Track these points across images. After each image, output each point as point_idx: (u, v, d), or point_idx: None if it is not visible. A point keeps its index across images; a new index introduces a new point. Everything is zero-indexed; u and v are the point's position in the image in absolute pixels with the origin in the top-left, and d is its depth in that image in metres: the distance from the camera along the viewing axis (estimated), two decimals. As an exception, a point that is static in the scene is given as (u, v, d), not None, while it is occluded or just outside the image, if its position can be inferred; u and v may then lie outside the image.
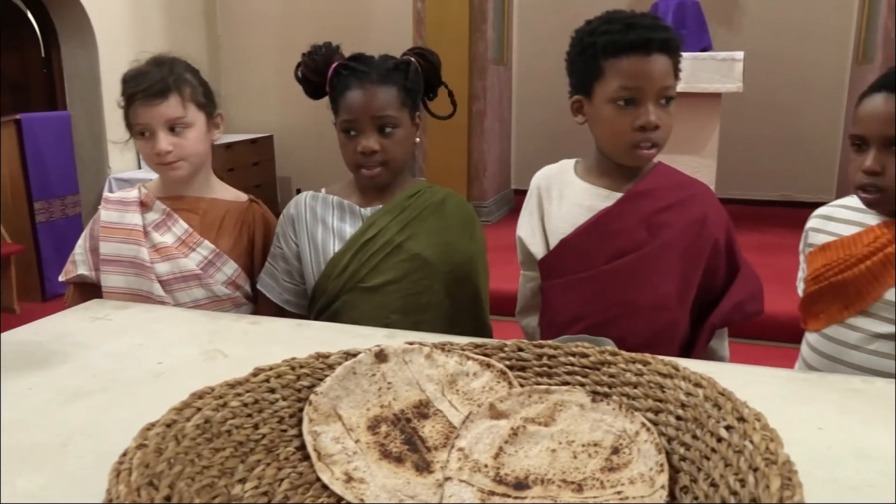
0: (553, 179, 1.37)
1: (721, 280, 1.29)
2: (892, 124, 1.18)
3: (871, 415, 0.94)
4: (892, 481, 0.78)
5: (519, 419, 0.70)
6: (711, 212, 1.29)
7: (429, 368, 0.77)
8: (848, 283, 1.27)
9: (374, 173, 1.37)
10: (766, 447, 0.51)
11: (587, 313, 1.27)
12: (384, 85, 1.35)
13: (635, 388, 0.68)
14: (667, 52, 1.21)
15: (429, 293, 1.38)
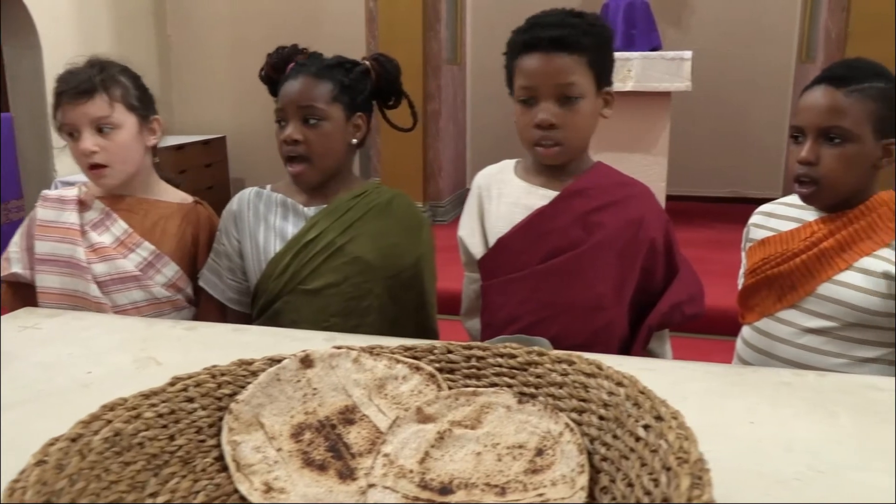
0: (493, 179, 1.37)
1: (659, 281, 1.29)
2: (827, 115, 1.21)
3: (802, 408, 0.95)
4: (820, 475, 0.79)
5: (446, 423, 0.69)
6: (649, 212, 1.29)
7: (356, 373, 0.75)
8: (783, 276, 1.29)
9: (297, 170, 1.35)
10: (679, 446, 0.51)
11: (523, 313, 1.27)
12: (318, 78, 1.35)
13: (561, 389, 0.68)
14: (567, 51, 1.19)
15: (370, 297, 1.36)
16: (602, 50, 1.22)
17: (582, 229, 1.25)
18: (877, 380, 1.05)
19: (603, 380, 0.64)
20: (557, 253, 1.25)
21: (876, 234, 1.23)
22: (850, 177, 1.22)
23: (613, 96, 1.26)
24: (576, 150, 1.26)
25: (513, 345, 0.75)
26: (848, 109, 1.20)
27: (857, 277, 1.22)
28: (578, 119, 1.22)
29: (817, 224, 1.28)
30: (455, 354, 0.76)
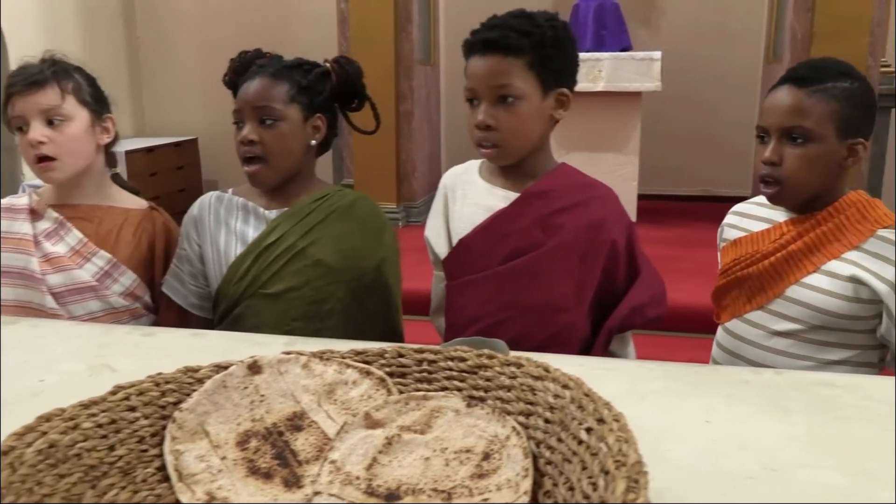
0: (458, 179, 1.37)
1: (621, 283, 1.28)
2: (790, 115, 1.21)
3: (759, 406, 0.96)
4: (772, 473, 0.79)
5: (395, 428, 0.68)
6: (610, 214, 1.29)
7: (305, 378, 0.74)
8: (753, 277, 1.30)
9: (253, 170, 1.34)
10: (619, 449, 0.51)
11: (484, 314, 1.27)
12: (275, 79, 1.34)
13: (509, 392, 0.68)
14: (503, 52, 1.19)
15: (332, 300, 1.35)
16: (548, 51, 1.21)
17: (542, 231, 1.25)
18: (832, 376, 1.05)
19: (550, 382, 0.64)
20: (518, 254, 1.25)
21: (844, 236, 1.23)
22: (813, 176, 1.22)
23: (569, 97, 1.25)
24: (517, 152, 1.25)
25: (463, 348, 0.74)
26: (810, 109, 1.20)
27: (824, 280, 1.22)
28: (515, 121, 1.21)
29: (787, 225, 1.29)
30: (406, 358, 0.75)
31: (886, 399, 0.97)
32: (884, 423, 0.90)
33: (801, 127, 1.20)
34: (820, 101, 1.20)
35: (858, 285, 1.19)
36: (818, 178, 1.23)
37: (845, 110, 1.20)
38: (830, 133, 1.20)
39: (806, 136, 1.20)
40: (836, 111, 1.20)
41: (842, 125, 1.20)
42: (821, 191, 1.25)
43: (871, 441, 0.86)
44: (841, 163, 1.23)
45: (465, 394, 0.71)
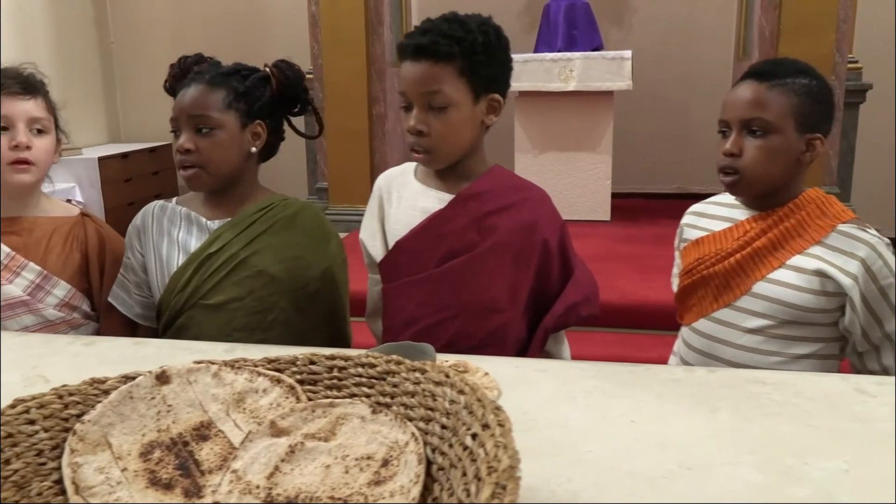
0: (393, 181, 1.37)
1: (554, 283, 1.29)
2: (750, 108, 1.23)
3: (686, 405, 0.96)
4: (689, 472, 0.80)
5: (299, 436, 0.68)
6: (543, 215, 1.30)
7: (215, 388, 0.74)
8: (718, 276, 1.31)
9: (189, 175, 1.33)
10: (494, 455, 0.51)
11: (421, 316, 1.27)
12: (212, 86, 1.33)
13: (412, 398, 0.68)
14: (433, 58, 1.19)
15: (275, 310, 1.34)
16: (479, 57, 1.20)
17: (477, 232, 1.25)
18: (763, 374, 1.06)
19: (448, 388, 0.64)
20: (453, 255, 1.25)
21: (806, 231, 1.25)
22: (772, 168, 1.24)
23: (501, 103, 1.26)
24: (448, 157, 1.25)
25: (374, 354, 0.74)
26: (770, 102, 1.22)
27: (791, 275, 1.24)
28: (446, 127, 1.21)
29: (749, 223, 1.30)
30: (317, 365, 0.75)
31: (814, 396, 0.98)
32: (808, 420, 0.91)
33: (760, 119, 1.22)
34: (780, 94, 1.22)
35: (824, 279, 1.21)
36: (776, 170, 1.25)
37: (804, 105, 1.23)
38: (789, 126, 1.23)
39: (765, 128, 1.22)
40: (796, 105, 1.22)
41: (800, 119, 1.23)
42: (779, 184, 1.26)
43: (793, 437, 0.87)
44: (799, 157, 1.25)
45: (372, 400, 0.71)
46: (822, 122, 1.25)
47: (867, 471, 0.79)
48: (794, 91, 1.22)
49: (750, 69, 1.29)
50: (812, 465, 0.80)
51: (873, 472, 0.79)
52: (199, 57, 1.41)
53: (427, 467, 0.61)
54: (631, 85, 4.10)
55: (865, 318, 1.20)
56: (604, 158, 4.28)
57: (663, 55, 4.92)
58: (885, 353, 1.22)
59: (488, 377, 1.04)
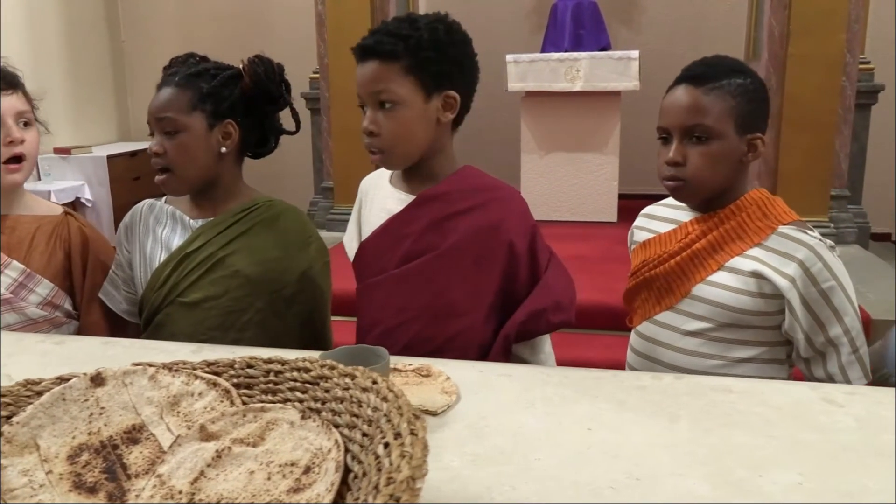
0: (371, 184, 1.37)
1: (522, 287, 1.24)
2: (689, 114, 1.20)
3: (647, 413, 0.94)
4: (636, 482, 0.78)
5: (228, 440, 0.67)
6: (510, 217, 1.25)
7: (150, 390, 0.73)
8: (660, 278, 1.29)
9: (160, 179, 1.34)
10: (397, 465, 0.50)
11: (381, 318, 1.26)
12: (179, 88, 1.32)
13: (341, 403, 0.66)
14: (378, 58, 1.18)
15: (250, 311, 1.34)
16: (427, 53, 1.18)
17: (436, 234, 1.23)
18: (731, 382, 1.04)
19: (373, 395, 0.63)
20: (411, 257, 1.23)
21: (746, 234, 1.23)
22: (717, 174, 1.22)
23: (457, 99, 1.23)
24: (404, 156, 1.24)
25: (311, 358, 0.73)
26: (709, 107, 1.19)
27: (729, 277, 1.22)
28: (397, 126, 1.20)
29: (691, 225, 1.28)
30: (255, 369, 0.75)
31: (779, 405, 0.96)
32: (769, 430, 0.89)
33: (701, 125, 1.20)
34: (717, 98, 1.19)
35: (761, 280, 1.18)
36: (722, 175, 1.22)
37: (742, 106, 1.20)
38: (730, 129, 1.20)
39: (707, 134, 1.20)
40: (734, 107, 1.20)
41: (740, 121, 1.20)
42: (724, 187, 1.24)
43: (750, 448, 0.85)
44: (742, 158, 1.23)
45: (305, 405, 0.70)
46: (760, 120, 1.23)
47: (821, 484, 0.77)
48: (730, 93, 1.19)
49: (684, 72, 1.26)
50: (765, 478, 0.78)
51: (827, 484, 0.77)
52: (189, 55, 1.40)
53: (345, 475, 0.60)
54: (638, 85, 4.06)
55: (807, 322, 1.17)
56: (610, 159, 4.25)
57: (672, 55, 4.84)
58: (829, 360, 1.18)
59: (449, 381, 1.03)
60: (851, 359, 1.18)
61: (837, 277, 1.17)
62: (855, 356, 1.18)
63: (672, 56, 4.94)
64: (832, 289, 1.17)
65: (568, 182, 4.29)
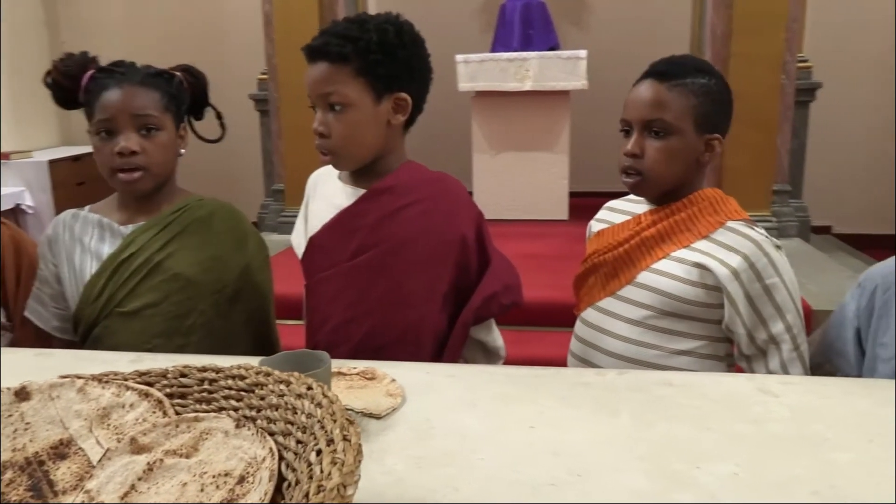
0: (320, 179, 1.37)
1: (474, 275, 1.28)
2: (651, 109, 1.22)
3: (589, 409, 0.95)
4: (577, 479, 0.79)
5: (160, 452, 0.65)
6: (458, 208, 1.29)
7: (79, 403, 0.71)
8: (608, 264, 1.31)
9: (133, 178, 1.29)
10: (328, 473, 0.49)
11: (333, 313, 1.26)
12: (145, 87, 1.30)
13: (276, 411, 0.65)
14: (327, 60, 1.18)
15: (194, 314, 1.31)
16: (376, 56, 1.18)
17: (388, 227, 1.24)
18: (671, 375, 1.06)
19: (307, 401, 0.62)
20: (364, 250, 1.24)
21: (695, 226, 1.26)
22: (672, 168, 1.24)
23: (408, 101, 1.23)
24: (354, 158, 1.25)
25: (245, 366, 0.72)
26: (670, 103, 1.21)
27: (673, 266, 1.24)
28: (346, 128, 1.20)
29: (645, 216, 1.31)
30: (189, 378, 0.73)
31: (717, 397, 0.98)
32: (706, 423, 0.91)
33: (661, 120, 1.22)
34: (679, 95, 1.22)
35: (704, 271, 1.21)
36: (677, 170, 1.24)
37: (703, 106, 1.22)
38: (689, 127, 1.22)
39: (666, 129, 1.22)
40: (695, 106, 1.22)
41: (700, 120, 1.23)
42: (679, 183, 1.26)
43: (688, 441, 0.86)
44: (699, 157, 1.25)
45: (240, 413, 0.69)
46: (720, 122, 1.26)
47: (755, 474, 0.78)
48: (693, 91, 1.22)
49: (650, 68, 1.28)
50: (702, 470, 0.79)
51: (762, 475, 0.78)
52: (85, 55, 1.34)
53: (279, 484, 0.59)
54: (586, 84, 4.11)
55: (750, 317, 1.20)
56: (561, 158, 4.29)
57: (620, 55, 4.92)
58: (771, 358, 1.21)
59: (395, 384, 1.03)
60: (793, 356, 1.21)
61: (781, 275, 1.20)
62: (796, 353, 1.21)
63: (619, 55, 5.02)
64: (775, 285, 1.19)
65: (520, 181, 4.32)
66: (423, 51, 1.25)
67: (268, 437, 0.63)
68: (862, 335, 1.21)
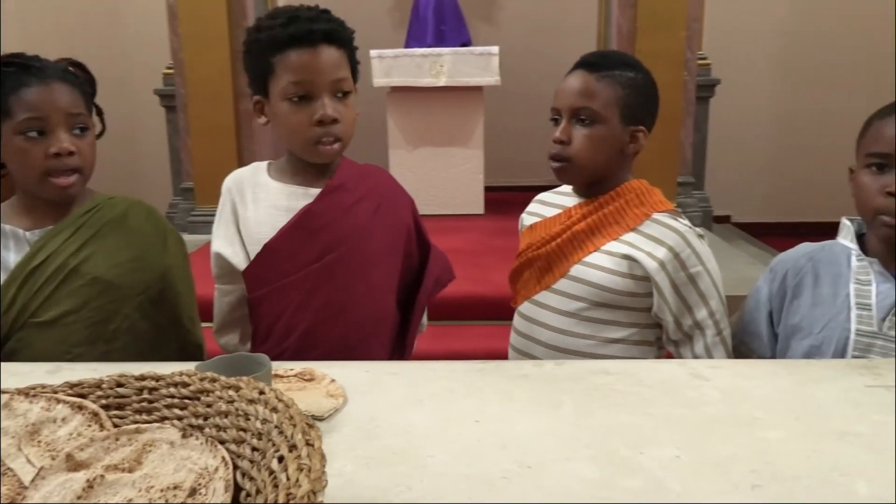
0: (245, 183, 1.31)
1: (416, 260, 1.32)
2: (578, 97, 1.26)
3: (531, 401, 0.96)
4: (527, 470, 0.79)
5: (100, 468, 0.61)
6: (398, 196, 1.33)
7: (6, 420, 0.66)
8: (542, 258, 1.33)
9: (70, 181, 1.21)
10: (295, 480, 0.47)
11: (301, 319, 1.24)
12: (67, 83, 1.22)
13: (226, 418, 0.63)
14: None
15: (116, 319, 1.24)
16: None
17: (350, 222, 1.25)
18: (608, 364, 1.08)
19: (261, 406, 0.60)
20: (331, 249, 1.23)
21: (623, 219, 1.29)
22: (597, 156, 1.27)
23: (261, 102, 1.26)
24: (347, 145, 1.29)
25: (188, 372, 0.69)
26: (598, 93, 1.25)
27: (604, 259, 1.27)
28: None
29: (574, 209, 1.33)
30: (126, 388, 0.69)
31: (653, 383, 1.01)
32: (646, 408, 0.93)
33: (588, 108, 1.25)
34: (607, 86, 1.25)
35: (632, 263, 1.25)
36: (602, 159, 1.28)
37: (629, 97, 1.26)
38: (615, 117, 1.26)
39: (592, 117, 1.25)
40: (621, 97, 1.26)
41: (625, 111, 1.27)
42: (604, 173, 1.30)
43: (630, 428, 0.88)
44: (623, 148, 1.29)
45: (185, 423, 0.65)
46: (645, 115, 1.30)
47: (697, 456, 0.81)
48: (620, 83, 1.26)
49: (581, 59, 1.32)
50: (646, 455, 0.82)
51: (702, 456, 0.81)
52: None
53: (236, 494, 0.57)
54: (499, 80, 4.16)
55: (676, 304, 1.25)
56: (476, 153, 4.33)
57: (531, 51, 5.04)
58: (696, 342, 1.27)
59: (335, 384, 1.01)
60: (716, 340, 1.26)
61: (704, 263, 1.25)
62: (719, 338, 1.26)
63: (530, 52, 5.13)
64: (699, 273, 1.24)
65: (436, 176, 4.33)
66: None
67: (219, 446, 0.60)
68: (774, 318, 1.28)
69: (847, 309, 1.17)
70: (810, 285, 1.23)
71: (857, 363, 1.07)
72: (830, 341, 1.17)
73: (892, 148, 1.11)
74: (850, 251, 1.21)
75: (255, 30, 1.23)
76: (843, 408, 0.92)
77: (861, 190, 1.16)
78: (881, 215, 1.13)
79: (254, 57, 1.22)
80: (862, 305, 1.16)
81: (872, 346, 1.14)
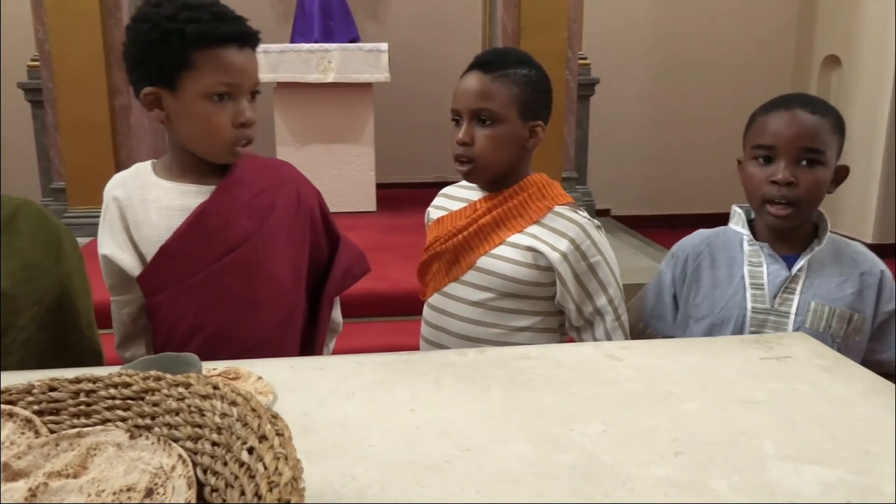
0: (131, 186, 1.24)
1: (324, 250, 1.33)
2: (479, 99, 1.29)
3: (461, 388, 0.99)
4: (467, 453, 0.82)
5: (41, 476, 0.59)
6: (301, 187, 1.31)
7: (-75, 434, 0.61)
8: (449, 251, 1.36)
9: None
10: (275, 468, 0.47)
11: (207, 320, 1.20)
12: None
13: (177, 416, 0.61)
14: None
15: (12, 332, 1.15)
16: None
17: (250, 218, 1.22)
18: (528, 349, 1.13)
19: (217, 401, 0.59)
20: (233, 247, 1.19)
21: (526, 211, 1.34)
22: (501, 154, 1.31)
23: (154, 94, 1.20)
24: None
25: (129, 372, 0.66)
26: (495, 93, 1.29)
27: (509, 251, 1.32)
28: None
29: (480, 203, 1.37)
30: (60, 392, 0.66)
31: (572, 365, 1.06)
32: (569, 389, 0.98)
33: (488, 109, 1.29)
34: (503, 85, 1.29)
35: (536, 254, 1.30)
36: (505, 156, 1.32)
37: (525, 94, 1.31)
38: (514, 115, 1.30)
39: (493, 117, 1.29)
40: (518, 95, 1.30)
41: (523, 108, 1.31)
42: (508, 169, 1.35)
43: (555, 407, 0.93)
44: (524, 143, 1.34)
45: (130, 424, 0.63)
46: (541, 109, 1.36)
47: (622, 429, 0.87)
48: (515, 81, 1.31)
49: (476, 59, 1.36)
50: (575, 431, 0.86)
51: (627, 429, 0.87)
52: None
53: (199, 490, 0.56)
54: (389, 77, 4.17)
55: (577, 293, 1.32)
56: (366, 150, 4.32)
57: (418, 48, 5.08)
58: (597, 328, 1.35)
59: (262, 381, 0.99)
60: (615, 325, 1.34)
61: (603, 253, 1.32)
62: (618, 322, 1.34)
63: (417, 49, 5.17)
64: (598, 263, 1.31)
65: (326, 174, 4.28)
66: None
67: (173, 444, 0.59)
68: (678, 300, 1.37)
69: (743, 289, 1.28)
70: (708, 268, 1.33)
71: (750, 338, 1.17)
72: (730, 319, 1.27)
73: (775, 140, 1.22)
74: (741, 236, 1.32)
75: (169, 19, 1.13)
76: (744, 378, 1.01)
77: (749, 180, 1.27)
78: (767, 203, 1.24)
79: (166, 48, 1.13)
80: (756, 285, 1.27)
81: (766, 322, 1.26)
